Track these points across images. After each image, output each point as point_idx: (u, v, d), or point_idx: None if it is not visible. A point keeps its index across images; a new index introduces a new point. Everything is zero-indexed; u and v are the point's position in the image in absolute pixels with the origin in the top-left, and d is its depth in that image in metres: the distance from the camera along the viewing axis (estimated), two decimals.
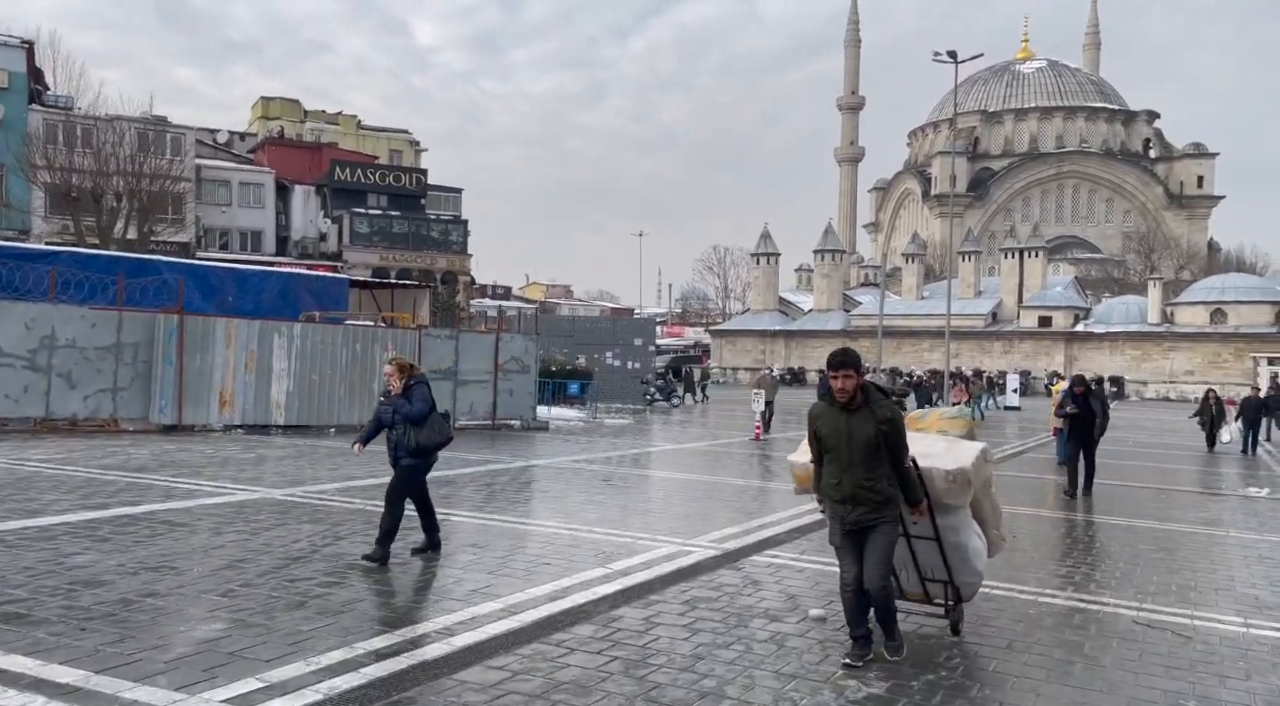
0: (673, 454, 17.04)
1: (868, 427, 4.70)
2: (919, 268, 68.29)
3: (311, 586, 6.11)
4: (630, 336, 39.58)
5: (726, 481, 13.02)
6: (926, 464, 4.96)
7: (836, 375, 4.75)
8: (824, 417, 4.89)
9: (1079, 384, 13.18)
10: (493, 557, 7.24)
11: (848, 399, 4.74)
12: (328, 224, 49.31)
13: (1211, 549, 9.13)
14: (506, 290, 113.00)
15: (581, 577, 6.65)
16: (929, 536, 5.24)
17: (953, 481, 4.98)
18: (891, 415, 4.71)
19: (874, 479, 4.75)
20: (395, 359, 7.12)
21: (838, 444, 4.79)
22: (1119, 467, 16.97)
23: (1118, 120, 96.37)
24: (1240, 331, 51.22)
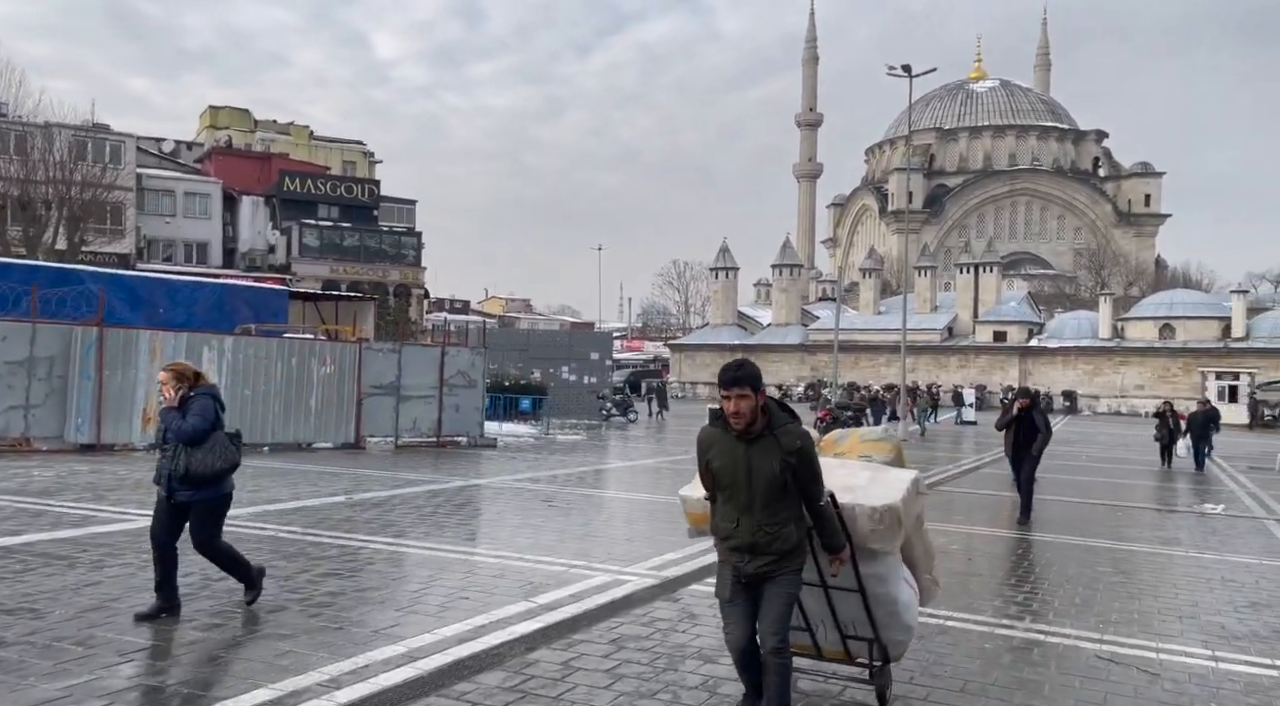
0: (623, 471, 16.46)
1: (771, 460, 3.74)
2: (876, 282, 68.67)
3: (188, 630, 5.42)
4: (587, 350, 38.98)
5: (676, 501, 12.45)
6: (848, 499, 4.04)
7: (729, 395, 3.72)
8: (717, 447, 3.87)
9: (1022, 396, 12.36)
10: (406, 592, 6.59)
11: (744, 425, 3.74)
12: (276, 235, 48.11)
13: (1172, 570, 8.78)
14: (464, 304, 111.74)
15: (500, 614, 6.03)
16: (850, 587, 4.25)
17: (879, 522, 4.01)
18: (801, 444, 3.75)
19: (779, 522, 3.79)
20: (172, 366, 5.84)
21: (734, 480, 3.81)
22: (1074, 483, 16.75)
23: (1068, 139, 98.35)
24: (1188, 346, 52.08)
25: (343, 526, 9.14)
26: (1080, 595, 7.49)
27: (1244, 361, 49.11)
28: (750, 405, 3.73)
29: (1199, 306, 54.51)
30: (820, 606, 4.42)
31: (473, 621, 5.83)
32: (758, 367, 3.84)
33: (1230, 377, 48.22)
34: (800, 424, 3.84)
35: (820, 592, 4.33)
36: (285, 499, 10.83)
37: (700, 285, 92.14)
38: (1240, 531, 11.65)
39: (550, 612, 6.12)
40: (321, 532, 8.72)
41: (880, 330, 61.25)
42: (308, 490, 11.72)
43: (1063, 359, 56.36)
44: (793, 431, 3.78)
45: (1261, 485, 17.94)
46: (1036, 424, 11.81)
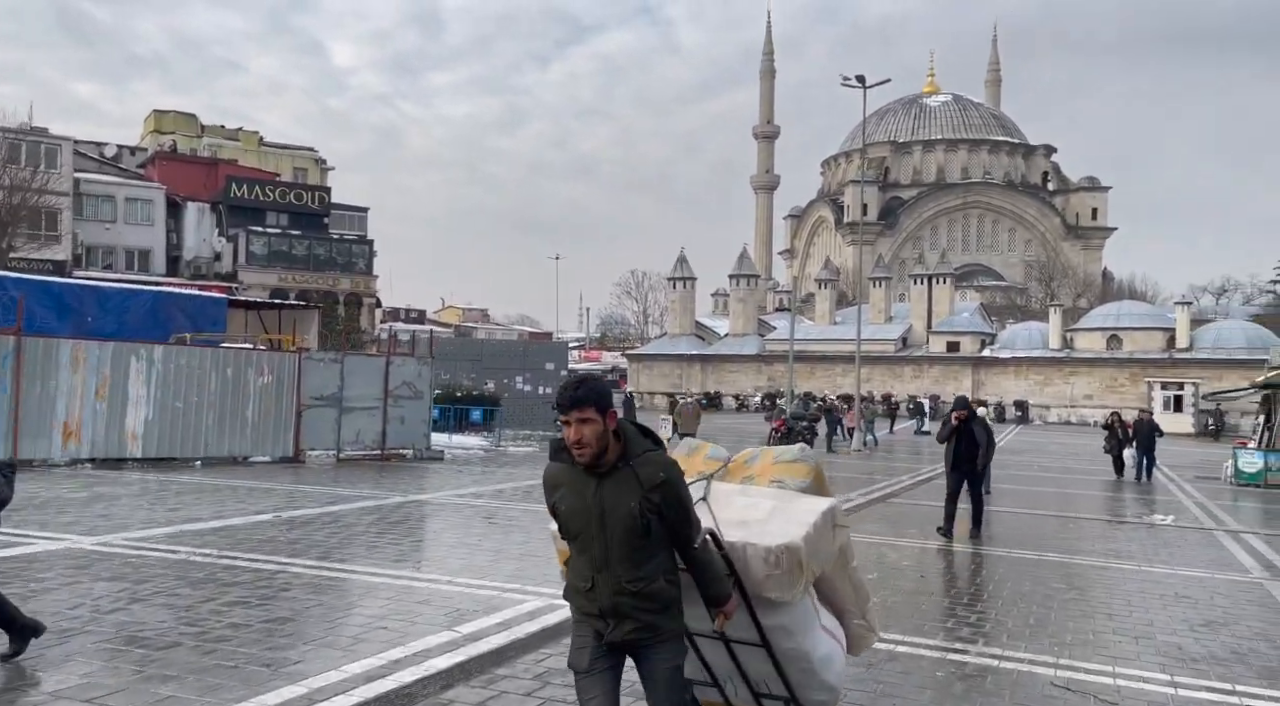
0: None
1: (628, 499, 2.97)
2: (832, 293, 69.11)
3: (54, 677, 4.86)
4: (541, 360, 38.46)
5: None
6: (739, 537, 3.32)
7: (568, 419, 2.95)
8: (565, 487, 3.09)
9: (959, 407, 11.48)
10: (319, 622, 6.08)
11: (590, 456, 2.97)
12: (223, 243, 46.83)
13: (1125, 585, 8.58)
14: (420, 314, 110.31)
15: (419, 646, 5.56)
16: (753, 642, 3.54)
17: (775, 565, 3.28)
18: (664, 476, 2.98)
19: (645, 578, 3.00)
20: None
21: (585, 528, 3.03)
22: (1026, 494, 16.67)
23: (1018, 153, 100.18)
24: (1135, 357, 53.05)
25: (264, 548, 8.58)
26: (1034, 614, 7.22)
27: (1188, 372, 50.11)
28: (596, 431, 2.95)
29: (1145, 318, 55.61)
30: (725, 661, 3.73)
31: (387, 655, 5.35)
32: (605, 385, 3.06)
33: (1175, 388, 49.16)
34: (664, 450, 3.11)
35: (721, 646, 3.65)
36: (206, 517, 10.20)
37: (659, 295, 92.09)
38: (1191, 543, 11.56)
39: (474, 643, 5.66)
40: (238, 555, 8.15)
41: (836, 340, 61.56)
42: (234, 508, 11.09)
43: (1014, 369, 57.07)
44: (654, 461, 3.01)
45: (1209, 495, 18.05)
46: (976, 436, 11.18)
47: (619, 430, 3.03)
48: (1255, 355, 48.24)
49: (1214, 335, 52.45)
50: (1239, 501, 17.22)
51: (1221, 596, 8.19)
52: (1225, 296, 77.69)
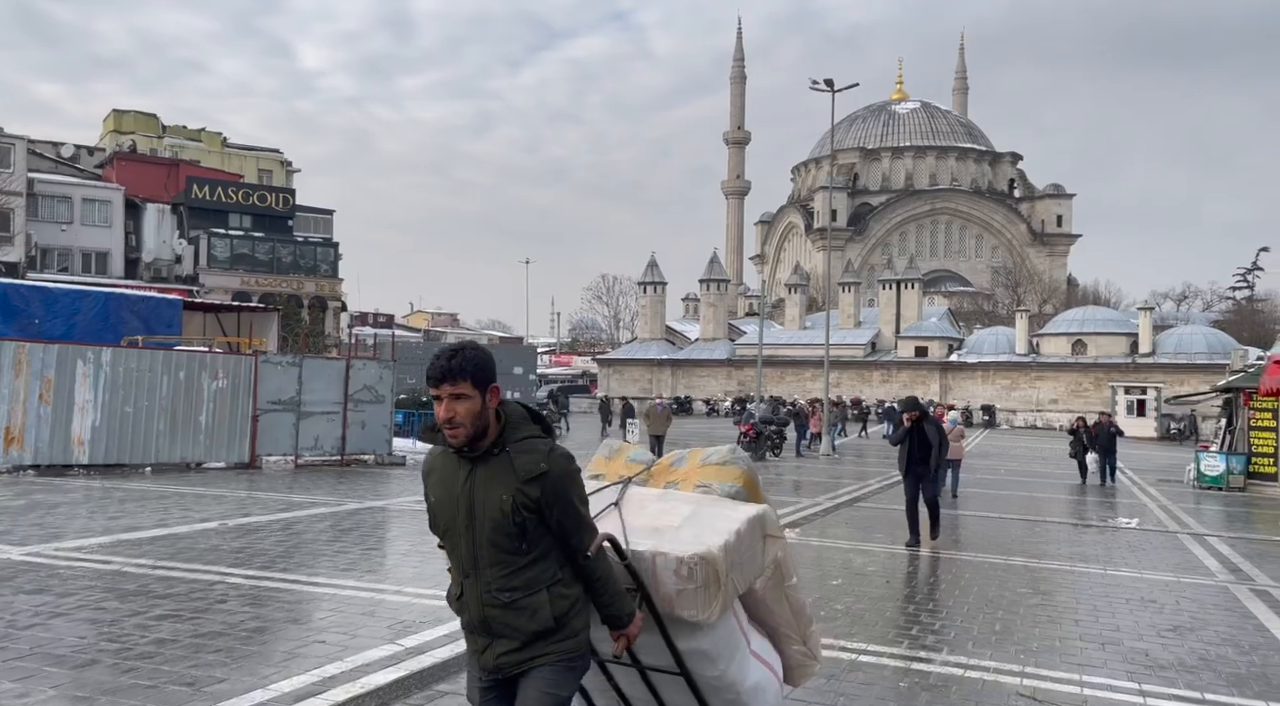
0: None
1: (499, 491, 2.53)
2: (802, 298, 69.31)
3: None
4: (509, 364, 38.22)
5: None
6: (648, 546, 2.86)
7: (439, 393, 2.53)
8: (436, 474, 2.68)
9: (909, 408, 10.97)
10: (254, 636, 5.74)
11: (463, 438, 2.53)
12: (183, 245, 45.91)
13: (1091, 590, 8.45)
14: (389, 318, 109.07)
15: (359, 660, 5.26)
16: (670, 669, 3.03)
17: (688, 578, 2.80)
18: (545, 468, 2.52)
19: (520, 589, 2.54)
20: None
21: (452, 523, 2.61)
22: (993, 497, 16.62)
23: (985, 160, 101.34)
24: (1099, 362, 53.68)
25: (205, 557, 8.20)
26: (1000, 620, 7.06)
27: (1151, 376, 50.79)
28: (471, 409, 2.50)
29: (1109, 323, 56.30)
30: (641, 691, 3.20)
31: (322, 671, 5.04)
32: (487, 354, 2.58)
33: (1139, 392, 49.79)
34: (555, 438, 2.65)
35: (635, 674, 3.15)
36: (148, 526, 9.78)
37: (630, 300, 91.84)
38: (1155, 546, 11.51)
39: (416, 657, 5.37)
40: (176, 565, 7.77)
41: (805, 345, 61.71)
42: (178, 515, 10.66)
43: (982, 374, 57.53)
44: (535, 449, 2.54)
45: (1172, 498, 18.12)
46: (929, 437, 10.74)
47: (502, 411, 2.58)
48: (1215, 360, 49.02)
49: (1176, 340, 53.22)
50: (1201, 504, 17.30)
51: (1188, 600, 8.09)
52: (1186, 302, 79.01)
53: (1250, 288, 79.60)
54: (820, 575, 8.70)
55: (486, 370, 2.55)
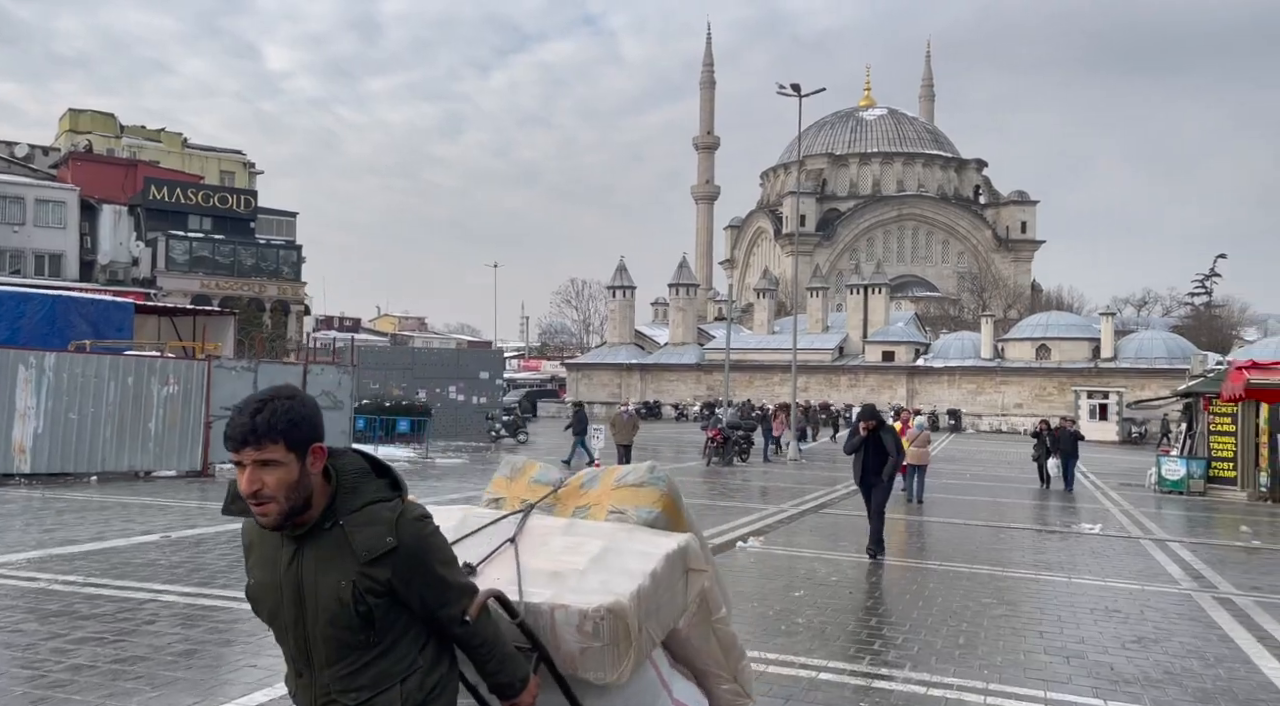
0: None
1: (335, 577, 1.97)
2: (770, 303, 69.47)
3: None
4: (476, 369, 37.69)
5: None
6: (546, 596, 2.36)
7: (240, 460, 1.93)
8: (257, 551, 2.11)
9: (866, 417, 10.55)
10: (179, 661, 5.40)
11: (277, 518, 1.95)
12: (140, 247, 44.89)
13: (1056, 599, 8.34)
14: (355, 322, 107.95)
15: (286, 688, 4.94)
16: None
17: (593, 635, 2.32)
18: (395, 540, 1.97)
19: (368, 686, 2.00)
20: None
21: (277, 612, 2.05)
22: (958, 503, 16.58)
23: (951, 167, 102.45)
24: (1063, 366, 54.31)
25: (139, 573, 7.82)
26: (965, 633, 6.89)
27: (1113, 381, 51.47)
28: (284, 479, 1.91)
29: (1072, 328, 57.01)
30: None
31: (250, 699, 4.73)
32: (306, 405, 1.97)
33: (1101, 397, 50.42)
34: (404, 495, 2.06)
35: None
36: (84, 539, 9.35)
37: (600, 304, 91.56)
38: (1118, 552, 11.47)
39: None
40: (107, 582, 7.38)
41: (774, 350, 61.82)
42: (118, 528, 10.23)
43: (948, 378, 57.98)
44: (379, 520, 1.97)
45: (1134, 502, 18.21)
46: (885, 446, 10.40)
47: (332, 470, 2.00)
48: (1175, 364, 49.78)
49: (1136, 345, 54.02)
50: (1163, 509, 17.40)
51: (1152, 609, 7.99)
52: (1146, 308, 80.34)
53: (1208, 294, 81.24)
54: (783, 586, 8.50)
55: (305, 426, 1.93)
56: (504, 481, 3.07)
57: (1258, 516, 16.69)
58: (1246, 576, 9.98)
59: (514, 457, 3.18)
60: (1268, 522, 15.83)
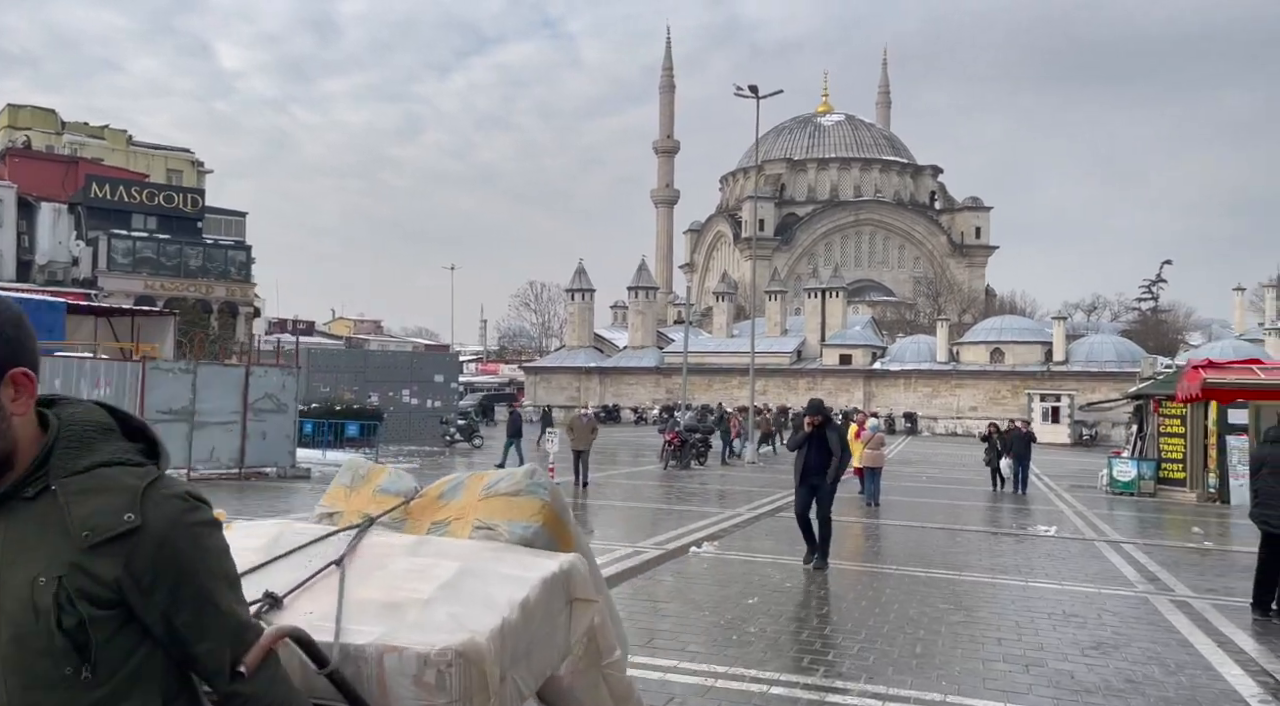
0: None
1: (34, 567, 1.28)
2: (729, 307, 69.57)
3: None
4: (430, 372, 37.04)
5: None
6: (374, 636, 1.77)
7: None
8: None
9: (814, 412, 9.80)
10: None
11: None
12: (81, 246, 43.44)
13: (1013, 605, 8.16)
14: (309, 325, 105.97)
15: None
16: None
17: (436, 688, 1.71)
18: (138, 517, 1.29)
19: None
20: None
21: None
22: (915, 506, 16.48)
23: (907, 173, 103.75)
24: (1016, 369, 55.08)
25: None
26: (922, 642, 6.66)
27: (1064, 384, 52.31)
28: None
29: (1025, 332, 57.87)
30: None
31: None
32: (8, 313, 1.32)
33: (1053, 399, 51.20)
34: (162, 465, 1.42)
35: None
36: None
37: (559, 307, 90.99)
38: (1074, 554, 11.39)
39: None
40: None
41: (732, 353, 61.83)
42: None
43: (904, 381, 58.48)
44: (117, 486, 1.32)
45: (1087, 504, 18.30)
46: (830, 445, 9.66)
47: (53, 417, 1.38)
48: (1124, 368, 50.71)
49: (1087, 349, 54.96)
50: (1115, 510, 17.49)
51: (1110, 613, 7.85)
52: (1096, 313, 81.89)
53: (1155, 299, 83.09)
54: (737, 592, 8.22)
55: (22, 352, 1.33)
56: (342, 491, 2.49)
57: (1207, 517, 16.84)
58: (1201, 578, 9.94)
59: (357, 461, 2.62)
60: (1217, 523, 15.97)
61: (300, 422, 26.37)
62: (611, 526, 12.84)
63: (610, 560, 9.61)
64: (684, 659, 5.92)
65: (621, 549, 10.37)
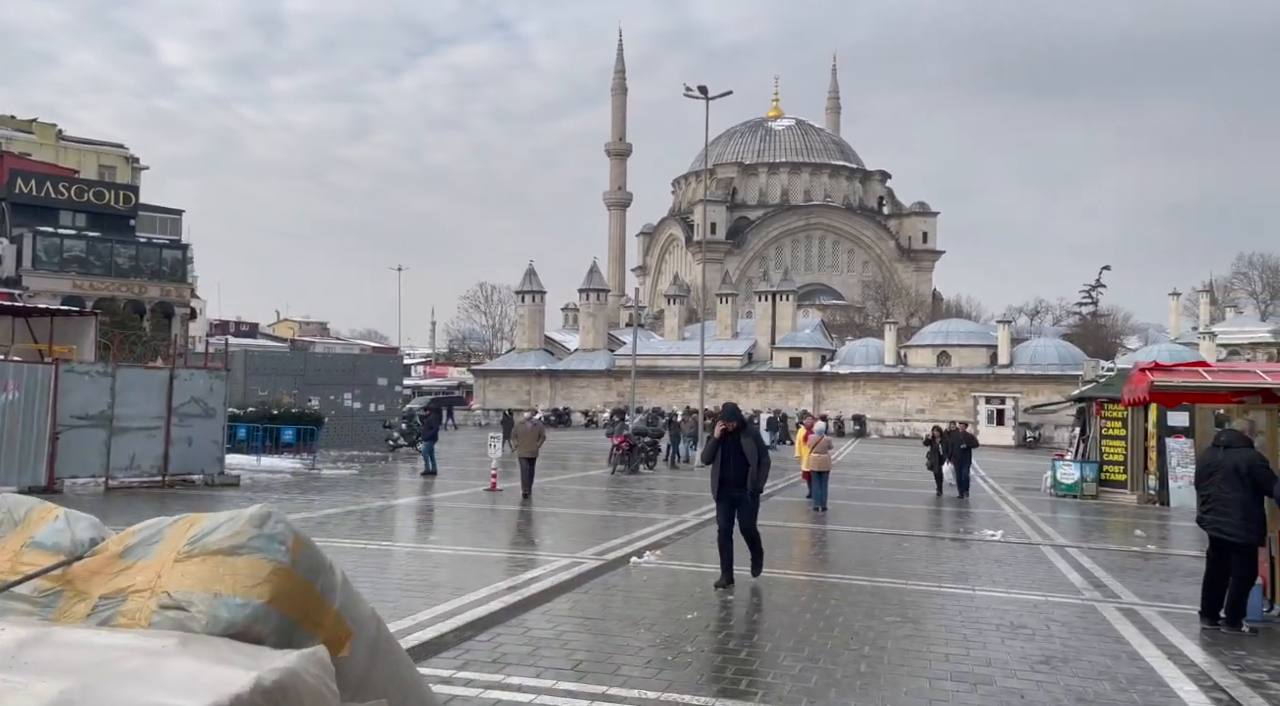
0: (376, 514, 14.28)
1: None
2: (681, 309, 69.41)
3: None
4: (374, 375, 36.17)
5: (407, 548, 10.56)
6: None
7: None
8: None
9: (728, 418, 8.87)
10: None
11: None
12: (4, 244, 41.54)
13: (961, 616, 7.90)
14: (253, 327, 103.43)
15: None
16: None
17: None
18: None
19: None
20: None
21: None
22: (861, 510, 16.30)
23: (856, 178, 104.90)
24: (962, 372, 55.81)
25: None
26: (866, 659, 6.33)
27: (1009, 386, 53.11)
28: None
29: (971, 335, 58.68)
30: None
31: None
32: None
33: (998, 402, 51.93)
34: None
35: None
36: None
37: (510, 309, 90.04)
38: (1021, 560, 11.24)
39: None
40: None
41: (684, 356, 61.63)
42: None
43: (853, 384, 58.88)
44: None
45: (1031, 507, 18.33)
46: (745, 453, 8.67)
47: None
48: (1066, 371, 51.66)
49: (1031, 352, 55.89)
50: (1059, 513, 17.53)
51: (1058, 624, 7.62)
52: (1038, 317, 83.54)
53: (1095, 304, 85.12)
54: (675, 607, 7.83)
55: None
56: None
57: (1148, 519, 16.96)
58: (1146, 583, 9.83)
59: (15, 499, 1.99)
60: (1158, 525, 16.08)
61: (233, 427, 25.44)
62: (552, 535, 12.39)
63: (548, 572, 9.17)
64: (614, 684, 5.51)
65: (559, 560, 9.92)
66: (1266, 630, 7.49)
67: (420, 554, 10.48)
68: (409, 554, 10.49)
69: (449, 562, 9.88)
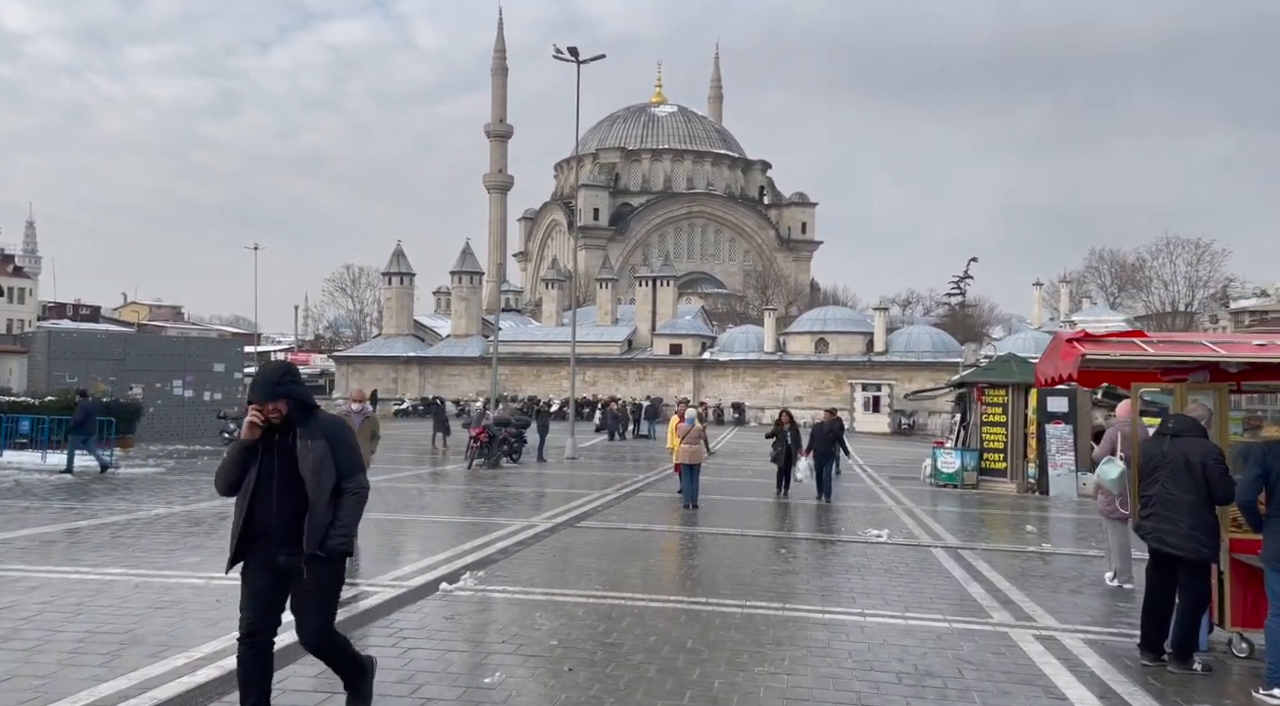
0: (154, 523, 11.56)
1: None
2: (559, 294, 67.18)
3: None
4: (208, 361, 32.48)
5: (163, 580, 8.08)
6: None
7: None
8: None
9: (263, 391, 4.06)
10: None
11: None
12: None
13: (852, 657, 6.14)
14: (94, 310, 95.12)
15: None
16: None
17: None
18: None
19: None
20: None
21: None
22: (736, 507, 14.65)
23: (738, 167, 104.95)
24: (840, 359, 55.83)
25: None
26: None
27: (885, 373, 53.39)
28: None
29: (848, 322, 58.84)
30: None
31: None
32: None
33: (875, 389, 52.09)
34: None
35: None
36: None
37: (380, 293, 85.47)
38: (913, 568, 9.70)
39: None
40: None
41: (561, 342, 59.39)
42: None
43: (733, 372, 58.13)
44: None
45: (912, 498, 17.16)
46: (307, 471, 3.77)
47: None
48: (940, 358, 52.30)
49: (906, 340, 56.43)
50: (940, 505, 16.37)
51: (970, 666, 5.95)
52: (910, 307, 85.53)
53: (963, 294, 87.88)
54: (474, 664, 5.75)
55: None
56: None
57: (1029, 510, 16.04)
58: (1056, 597, 8.41)
59: None
60: (1039, 516, 15.12)
61: (14, 419, 21.82)
62: (358, 551, 10.06)
63: None
64: None
65: (345, 591, 7.66)
66: (1219, 664, 6.05)
67: (131, 587, 8.00)
68: (99, 588, 7.99)
69: (162, 608, 7.46)
